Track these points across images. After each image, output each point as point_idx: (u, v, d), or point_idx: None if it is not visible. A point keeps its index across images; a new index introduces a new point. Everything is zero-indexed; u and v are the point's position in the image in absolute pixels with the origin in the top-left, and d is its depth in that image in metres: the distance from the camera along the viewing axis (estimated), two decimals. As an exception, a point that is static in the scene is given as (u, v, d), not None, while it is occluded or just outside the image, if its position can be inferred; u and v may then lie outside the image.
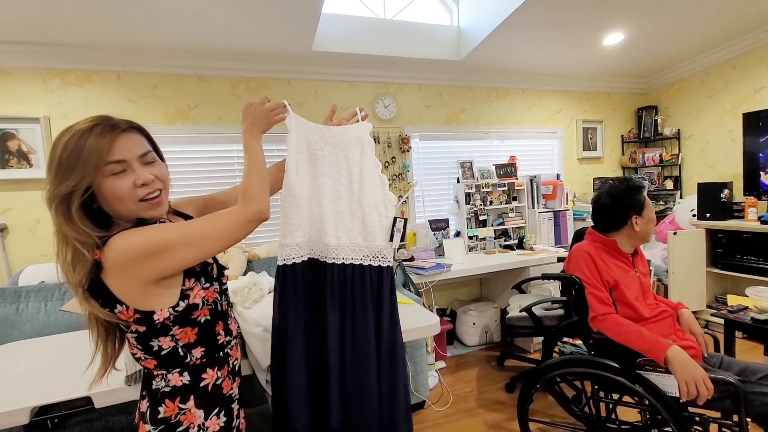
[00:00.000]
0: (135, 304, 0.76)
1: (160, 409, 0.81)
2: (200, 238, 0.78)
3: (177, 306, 0.80)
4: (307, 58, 2.76)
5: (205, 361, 0.86)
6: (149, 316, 0.77)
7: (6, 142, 2.26)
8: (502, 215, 3.27)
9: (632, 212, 1.51)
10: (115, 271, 0.73)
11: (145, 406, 0.83)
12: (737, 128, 3.18)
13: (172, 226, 0.79)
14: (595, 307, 1.45)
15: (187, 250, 0.76)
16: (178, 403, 0.81)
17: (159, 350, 0.81)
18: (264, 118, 1.03)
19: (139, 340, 0.80)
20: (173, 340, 0.81)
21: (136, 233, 0.75)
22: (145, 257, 0.73)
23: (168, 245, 0.74)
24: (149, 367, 0.83)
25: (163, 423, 0.80)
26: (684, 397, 1.22)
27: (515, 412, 2.12)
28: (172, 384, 0.82)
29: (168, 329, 0.80)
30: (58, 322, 1.94)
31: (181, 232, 0.77)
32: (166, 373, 0.82)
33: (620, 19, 2.61)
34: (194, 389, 0.84)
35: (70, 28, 2.13)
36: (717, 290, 3.18)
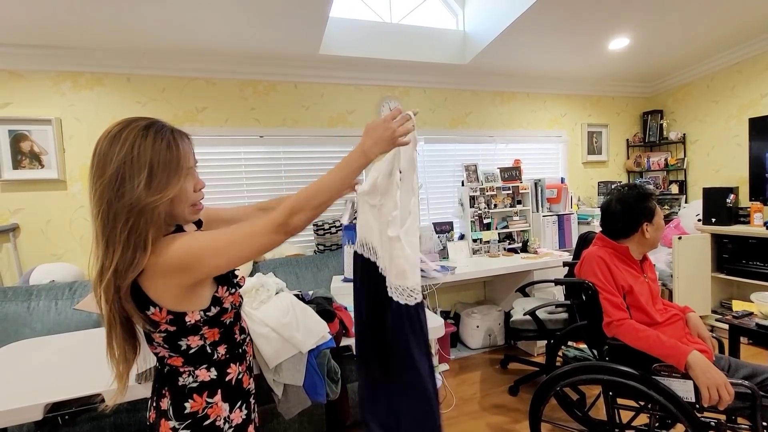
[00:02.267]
0: (169, 306, 0.77)
1: (186, 404, 0.83)
2: (227, 245, 0.77)
3: (209, 310, 0.82)
4: (314, 62, 2.79)
5: (228, 357, 0.89)
6: (181, 318, 0.79)
7: (19, 143, 2.30)
8: (506, 218, 3.27)
9: (644, 220, 1.51)
10: (158, 275, 0.74)
11: (167, 403, 0.84)
12: (743, 133, 3.17)
13: (207, 233, 0.79)
14: (611, 313, 1.44)
15: (214, 258, 0.76)
16: (206, 398, 0.84)
17: (187, 349, 0.83)
18: (389, 142, 0.92)
19: (167, 340, 0.81)
20: (201, 338, 0.84)
21: (177, 240, 0.76)
22: (183, 265, 0.75)
23: (200, 253, 0.75)
24: (175, 365, 0.84)
25: (189, 417, 0.82)
26: (706, 402, 1.22)
27: (518, 415, 2.14)
28: (200, 379, 0.84)
29: (198, 329, 0.82)
30: (69, 321, 1.97)
31: (212, 239, 0.77)
32: (193, 369, 0.84)
33: (625, 23, 2.62)
34: (221, 384, 0.87)
35: (81, 32, 2.17)
36: (722, 295, 3.16)
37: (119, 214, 0.72)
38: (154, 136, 0.76)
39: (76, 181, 2.43)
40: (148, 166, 0.73)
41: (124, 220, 0.72)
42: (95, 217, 0.74)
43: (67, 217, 2.42)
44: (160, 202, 0.74)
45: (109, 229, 0.72)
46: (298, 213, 0.80)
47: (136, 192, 0.72)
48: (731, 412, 1.33)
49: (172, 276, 0.75)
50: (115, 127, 0.76)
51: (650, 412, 1.44)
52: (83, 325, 1.95)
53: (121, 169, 0.72)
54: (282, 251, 2.67)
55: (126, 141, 0.73)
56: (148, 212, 0.73)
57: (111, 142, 0.74)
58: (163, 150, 0.75)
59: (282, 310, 1.53)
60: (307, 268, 2.54)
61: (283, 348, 1.41)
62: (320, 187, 0.83)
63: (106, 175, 0.72)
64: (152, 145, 0.75)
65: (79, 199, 2.44)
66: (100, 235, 0.74)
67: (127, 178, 0.72)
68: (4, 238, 2.30)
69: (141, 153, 0.73)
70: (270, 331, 1.45)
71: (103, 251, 0.73)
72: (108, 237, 0.73)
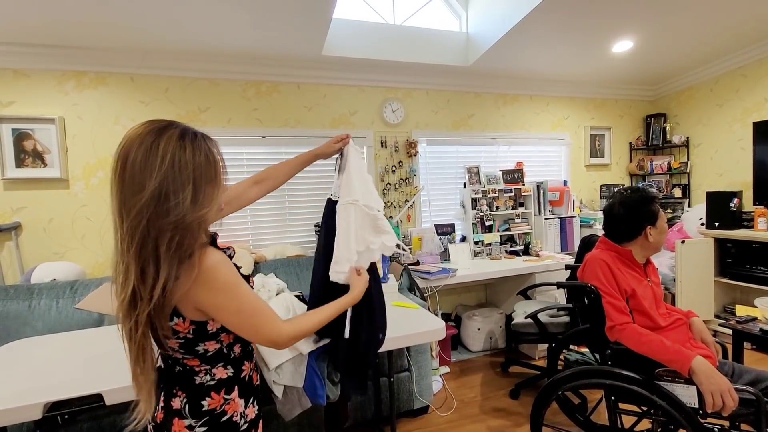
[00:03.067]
0: (193, 317, 0.78)
1: (203, 402, 0.83)
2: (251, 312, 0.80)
3: None
4: (317, 63, 2.79)
5: (242, 354, 0.90)
6: (203, 326, 0.80)
7: (22, 141, 2.31)
8: (508, 221, 3.27)
9: (647, 223, 1.50)
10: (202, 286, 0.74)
11: (180, 402, 0.83)
12: (747, 137, 3.16)
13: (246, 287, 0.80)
14: (613, 317, 1.43)
15: (233, 314, 0.78)
16: (223, 395, 0.85)
17: (204, 352, 0.83)
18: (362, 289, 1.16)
19: (184, 345, 0.81)
20: (218, 342, 0.84)
21: (227, 264, 0.78)
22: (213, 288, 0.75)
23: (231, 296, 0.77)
24: (191, 365, 0.84)
25: (207, 415, 0.83)
26: (710, 408, 1.20)
27: (520, 419, 2.13)
28: (218, 377, 0.85)
29: (216, 335, 0.83)
30: (69, 320, 1.97)
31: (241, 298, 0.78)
32: (210, 368, 0.84)
33: (629, 26, 2.61)
34: (237, 380, 0.88)
35: (85, 32, 2.18)
36: (725, 300, 3.14)
37: (163, 232, 0.68)
38: (192, 147, 0.73)
39: (78, 180, 2.44)
40: (192, 181, 0.71)
41: (170, 237, 0.69)
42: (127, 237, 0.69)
43: (69, 216, 2.43)
44: (207, 216, 0.74)
45: (151, 249, 0.69)
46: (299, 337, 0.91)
47: (182, 208, 0.69)
48: (735, 419, 1.31)
49: (198, 287, 0.74)
50: (145, 135, 0.71)
51: (653, 417, 1.42)
52: (84, 324, 1.96)
53: (165, 185, 0.68)
54: (283, 252, 2.67)
55: (166, 154, 0.69)
56: (194, 227, 0.71)
57: (147, 155, 0.69)
58: (204, 162, 0.74)
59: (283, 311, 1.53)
60: (308, 269, 2.54)
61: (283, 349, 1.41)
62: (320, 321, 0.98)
63: (147, 192, 0.67)
64: (193, 158, 0.72)
65: (81, 199, 2.45)
66: (136, 256, 0.69)
67: (171, 193, 0.69)
68: (7, 237, 2.31)
69: (183, 167, 0.71)
70: (270, 332, 1.44)
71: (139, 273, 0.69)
72: (149, 257, 0.69)
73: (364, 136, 3.03)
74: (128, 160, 0.69)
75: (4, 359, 1.43)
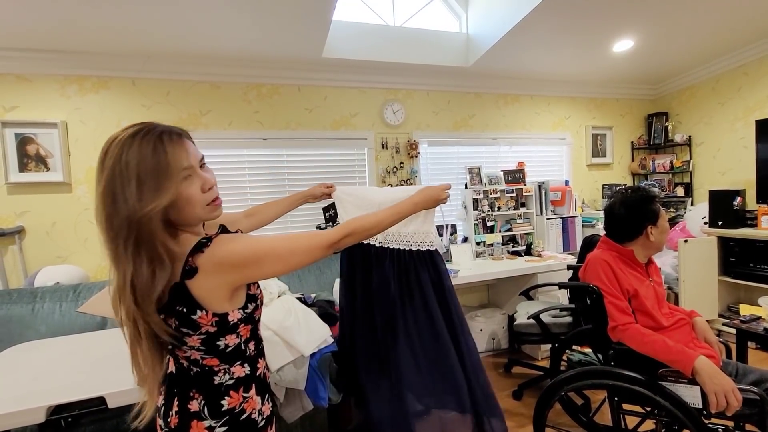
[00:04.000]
0: (215, 308, 0.78)
1: (223, 402, 0.83)
2: (288, 253, 0.82)
3: (246, 308, 0.84)
4: (317, 65, 2.80)
5: (256, 352, 0.91)
6: (224, 317, 0.80)
7: (25, 146, 2.32)
8: (509, 221, 3.26)
9: (648, 222, 1.50)
10: (212, 274, 0.75)
11: (198, 405, 0.82)
12: (750, 135, 3.15)
13: (266, 238, 0.82)
14: (616, 317, 1.43)
15: (275, 263, 0.80)
16: (242, 393, 0.85)
17: (225, 348, 0.83)
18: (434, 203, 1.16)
19: (206, 341, 0.80)
20: (238, 336, 0.84)
21: (238, 239, 0.79)
22: (243, 264, 0.77)
23: (262, 256, 0.78)
24: (210, 365, 0.83)
25: (227, 414, 0.83)
26: (713, 408, 1.20)
27: (523, 419, 2.12)
28: (236, 376, 0.85)
29: (237, 327, 0.83)
30: (73, 323, 1.98)
31: (273, 246, 0.80)
32: (229, 366, 0.85)
33: (630, 25, 2.61)
34: (254, 378, 0.89)
35: (87, 36, 2.19)
36: (729, 299, 3.13)
37: (120, 230, 0.70)
38: (140, 142, 0.72)
39: (81, 183, 2.45)
40: (136, 176, 0.70)
41: (126, 235, 0.70)
42: (101, 233, 0.73)
43: (72, 219, 2.44)
44: (156, 210, 0.71)
45: (114, 245, 0.71)
46: (350, 236, 0.91)
47: (130, 204, 0.69)
48: (739, 419, 1.30)
49: (227, 273, 0.76)
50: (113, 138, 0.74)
51: (656, 418, 1.42)
52: (87, 327, 1.96)
53: (111, 183, 0.70)
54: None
55: (113, 153, 0.71)
56: (146, 223, 0.70)
57: (103, 157, 0.72)
58: (149, 156, 0.71)
59: (284, 314, 1.53)
60: (310, 271, 2.54)
61: (285, 351, 1.41)
62: (377, 222, 0.97)
63: (99, 191, 0.71)
64: (137, 152, 0.71)
65: (83, 202, 2.46)
66: (108, 251, 0.72)
67: (118, 191, 0.70)
68: (10, 241, 2.32)
69: (125, 164, 0.70)
70: (272, 335, 1.45)
71: (114, 268, 0.72)
72: (115, 253, 0.71)
73: (365, 138, 3.03)
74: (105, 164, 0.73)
75: (7, 363, 1.44)
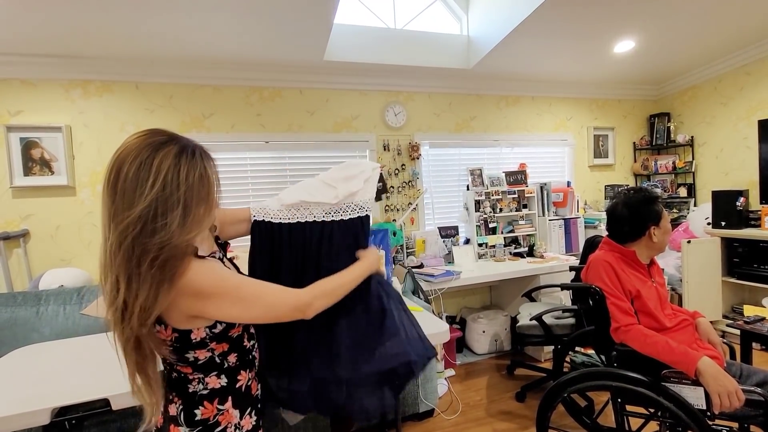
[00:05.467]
0: (175, 325, 0.76)
1: (197, 411, 0.82)
2: (253, 298, 0.78)
3: (214, 327, 0.80)
4: (319, 68, 2.81)
5: (238, 364, 0.88)
6: (186, 335, 0.77)
7: (29, 150, 2.34)
8: (512, 223, 3.26)
9: (651, 223, 1.50)
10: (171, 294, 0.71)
11: (176, 409, 0.82)
12: (753, 135, 3.13)
13: (236, 277, 0.78)
14: (618, 318, 1.42)
15: (234, 304, 0.75)
16: (216, 405, 0.83)
17: (195, 360, 0.81)
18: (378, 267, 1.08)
19: (175, 351, 0.79)
20: (209, 351, 0.82)
21: (206, 266, 0.74)
22: (205, 295, 0.73)
23: (224, 293, 0.74)
24: (185, 372, 0.82)
25: (200, 424, 0.81)
26: (717, 409, 1.19)
27: (526, 421, 2.11)
28: (211, 386, 0.83)
29: (205, 344, 0.80)
30: (77, 325, 1.99)
31: (241, 287, 0.77)
32: (203, 376, 0.83)
33: (631, 26, 2.61)
34: (231, 390, 0.86)
35: (91, 41, 2.21)
36: (733, 300, 3.11)
37: (147, 252, 0.66)
38: (187, 167, 0.71)
39: (85, 187, 2.47)
40: (183, 203, 0.69)
41: (153, 257, 0.66)
42: (114, 249, 0.67)
43: (76, 222, 2.45)
44: (195, 238, 0.71)
45: (134, 265, 0.66)
46: (322, 299, 0.87)
47: (169, 230, 0.67)
48: (744, 420, 1.30)
49: (184, 298, 0.72)
50: (142, 149, 0.69)
51: (660, 419, 1.41)
52: (91, 329, 1.97)
53: (154, 205, 0.67)
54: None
55: (159, 173, 0.67)
56: (181, 249, 0.69)
57: (139, 171, 0.67)
58: (197, 184, 0.71)
59: (287, 315, 1.52)
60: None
61: (287, 353, 1.41)
62: (342, 283, 0.93)
63: (135, 210, 0.66)
64: (186, 178, 0.70)
65: (87, 205, 2.47)
66: (122, 269, 0.67)
67: (159, 215, 0.67)
68: (15, 244, 2.34)
69: (175, 189, 0.68)
70: (275, 336, 1.45)
71: (125, 286, 0.67)
72: (132, 273, 0.67)
73: (366, 140, 3.04)
74: (121, 173, 0.67)
75: (12, 365, 1.45)
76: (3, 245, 2.29)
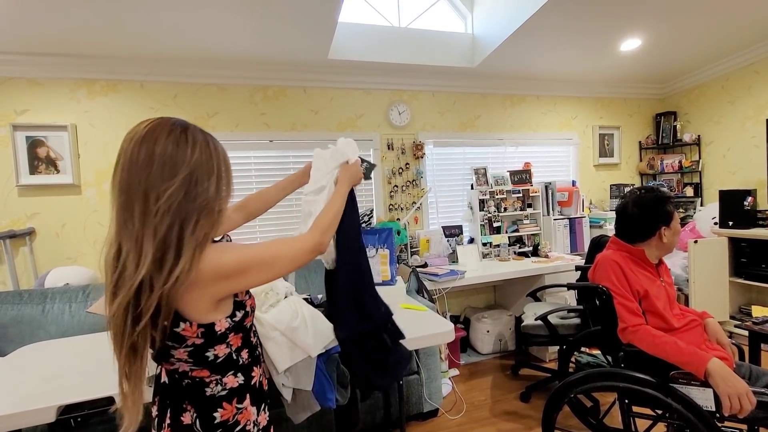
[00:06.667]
0: (200, 319, 0.75)
1: (216, 414, 0.80)
2: (273, 260, 0.82)
3: (234, 316, 0.81)
4: (323, 67, 2.81)
5: (250, 360, 0.88)
6: (211, 328, 0.77)
7: (35, 149, 2.36)
8: (516, 222, 3.24)
9: (661, 223, 1.48)
10: (198, 284, 0.72)
11: (190, 417, 0.80)
12: (761, 134, 3.10)
13: (252, 247, 0.81)
14: (626, 318, 1.41)
15: (261, 272, 0.80)
16: (235, 404, 0.83)
17: (214, 359, 0.80)
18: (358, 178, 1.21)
19: (193, 354, 0.78)
20: (228, 346, 0.82)
21: (227, 249, 0.77)
22: (229, 276, 0.75)
23: (248, 267, 0.77)
24: (201, 377, 0.81)
25: (220, 427, 0.80)
26: (727, 411, 1.17)
27: (531, 422, 2.10)
28: (229, 386, 0.83)
29: (225, 337, 0.80)
30: (82, 324, 2.00)
31: (259, 255, 0.80)
32: (221, 377, 0.82)
33: (637, 24, 2.58)
34: (248, 388, 0.86)
35: (97, 41, 2.22)
36: (741, 300, 3.08)
37: (190, 216, 0.71)
38: (214, 140, 0.79)
39: (90, 185, 2.48)
40: (216, 169, 0.76)
41: (195, 221, 0.71)
42: (156, 220, 0.68)
43: (82, 221, 2.46)
44: (226, 203, 0.78)
45: (177, 231, 0.70)
46: (327, 233, 0.95)
47: (208, 194, 0.74)
48: (753, 422, 1.28)
49: (214, 285, 0.74)
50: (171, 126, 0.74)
51: (668, 421, 1.40)
52: (96, 327, 1.98)
53: (196, 172, 0.73)
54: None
55: (195, 143, 0.74)
56: (215, 214, 0.75)
57: (178, 142, 0.72)
58: (223, 154, 0.80)
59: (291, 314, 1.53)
60: (316, 272, 2.54)
61: (292, 352, 1.41)
62: (336, 212, 1.02)
63: (178, 178, 0.70)
64: (215, 148, 0.78)
65: (93, 204, 2.48)
66: (160, 240, 0.68)
67: (200, 180, 0.73)
68: (21, 242, 2.35)
69: (209, 157, 0.75)
70: (279, 335, 1.45)
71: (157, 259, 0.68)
72: (171, 242, 0.69)
73: (370, 139, 3.03)
74: (156, 148, 0.71)
75: (18, 363, 1.45)
76: (9, 243, 2.30)
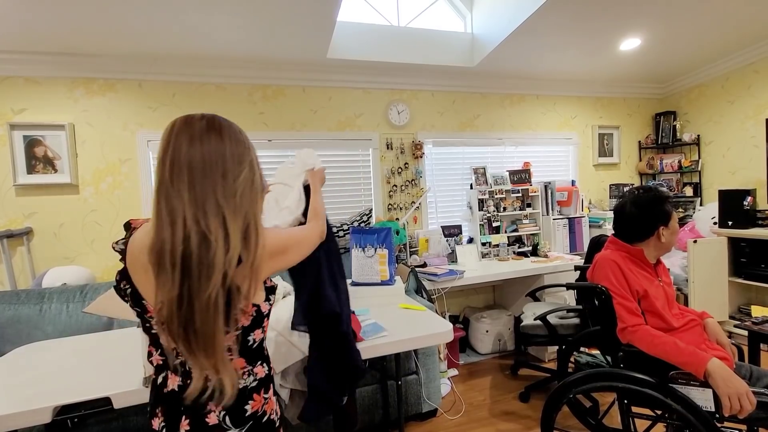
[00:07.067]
0: (254, 298, 0.80)
1: (246, 407, 0.81)
2: (303, 242, 0.95)
3: (269, 300, 0.87)
4: (322, 66, 2.80)
5: (267, 351, 0.91)
6: (259, 310, 0.83)
7: (33, 148, 2.35)
8: (515, 222, 3.24)
9: (660, 223, 1.47)
10: (263, 260, 0.79)
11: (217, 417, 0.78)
12: (760, 134, 3.10)
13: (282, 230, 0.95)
14: (625, 318, 1.40)
15: (294, 252, 0.92)
16: (263, 394, 0.85)
17: (252, 344, 0.84)
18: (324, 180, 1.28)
19: (239, 337, 0.80)
20: (263, 331, 0.86)
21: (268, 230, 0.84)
22: (278, 254, 0.85)
23: (289, 245, 0.89)
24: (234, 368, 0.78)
25: (251, 419, 0.81)
26: (727, 412, 1.17)
27: (530, 422, 2.10)
28: (259, 377, 0.85)
29: (263, 320, 0.86)
30: (79, 324, 1.99)
31: (294, 237, 0.93)
32: (252, 368, 0.84)
33: (637, 24, 2.58)
34: (270, 378, 0.89)
35: (95, 40, 2.21)
36: (740, 300, 3.08)
37: (256, 198, 0.81)
38: None
39: (88, 185, 2.47)
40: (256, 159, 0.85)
41: (258, 202, 0.82)
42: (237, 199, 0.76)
43: (79, 220, 2.46)
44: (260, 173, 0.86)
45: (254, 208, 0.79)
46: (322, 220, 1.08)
47: (259, 178, 0.84)
48: (753, 423, 1.28)
49: (270, 261, 0.82)
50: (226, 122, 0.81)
51: (667, 421, 1.39)
52: (94, 328, 1.97)
53: (253, 162, 0.83)
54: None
55: (243, 137, 0.82)
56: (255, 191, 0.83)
57: (237, 141, 0.80)
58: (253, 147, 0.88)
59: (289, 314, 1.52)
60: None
61: (289, 352, 1.41)
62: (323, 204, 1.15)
63: (245, 164, 0.79)
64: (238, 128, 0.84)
65: (90, 203, 2.48)
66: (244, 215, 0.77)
67: (255, 167, 0.83)
68: (18, 242, 2.34)
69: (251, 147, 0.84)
70: (277, 336, 1.44)
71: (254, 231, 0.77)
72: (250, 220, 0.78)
73: (369, 138, 3.03)
74: (223, 136, 0.77)
75: (15, 363, 1.45)
76: (6, 243, 2.29)
